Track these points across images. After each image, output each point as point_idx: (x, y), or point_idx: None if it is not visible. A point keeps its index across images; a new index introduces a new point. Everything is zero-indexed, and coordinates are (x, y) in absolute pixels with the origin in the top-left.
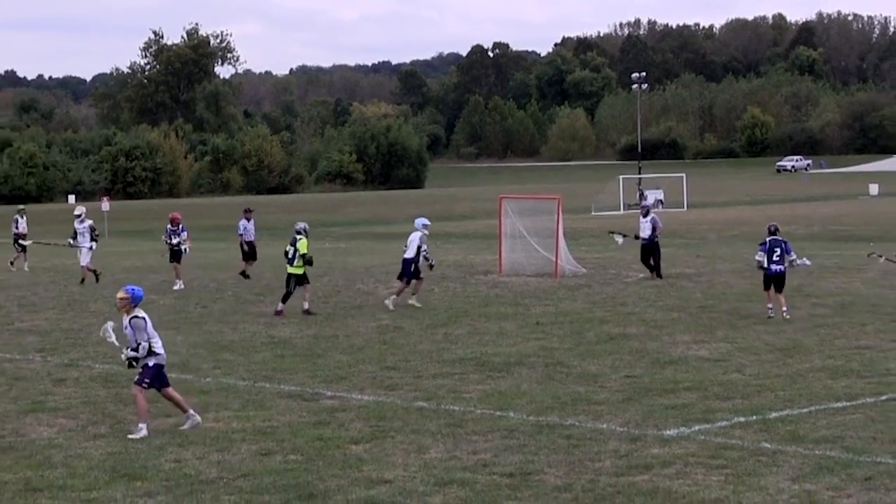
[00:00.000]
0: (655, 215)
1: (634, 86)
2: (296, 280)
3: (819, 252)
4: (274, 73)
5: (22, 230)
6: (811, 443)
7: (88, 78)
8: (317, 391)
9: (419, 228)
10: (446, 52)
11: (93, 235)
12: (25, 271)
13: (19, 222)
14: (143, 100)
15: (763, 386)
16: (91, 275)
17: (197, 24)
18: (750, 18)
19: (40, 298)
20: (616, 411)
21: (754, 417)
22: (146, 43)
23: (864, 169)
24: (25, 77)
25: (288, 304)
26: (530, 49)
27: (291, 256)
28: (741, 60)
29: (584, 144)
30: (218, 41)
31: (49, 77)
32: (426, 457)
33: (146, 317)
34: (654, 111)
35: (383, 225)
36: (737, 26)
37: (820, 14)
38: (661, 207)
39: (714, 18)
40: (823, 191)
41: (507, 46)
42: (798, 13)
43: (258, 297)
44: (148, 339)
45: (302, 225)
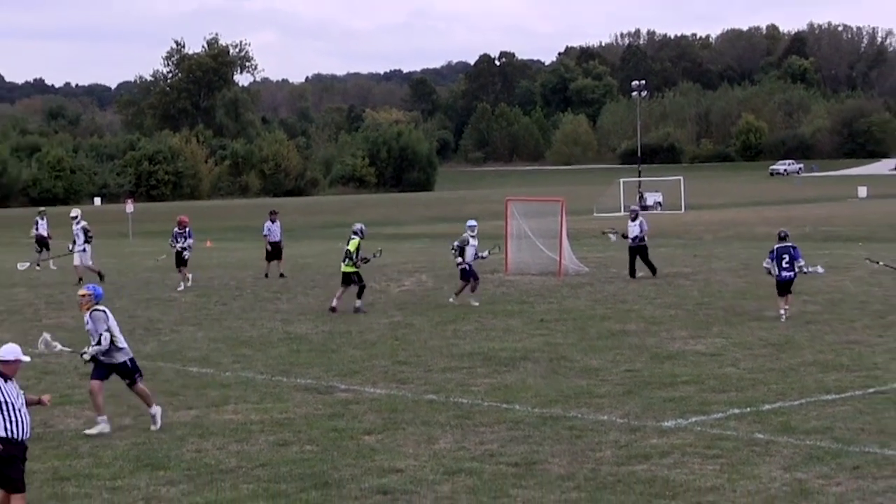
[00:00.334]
0: (643, 219)
1: (634, 93)
2: (349, 278)
3: (811, 252)
4: (290, 81)
5: (42, 231)
6: (802, 433)
7: (113, 86)
8: (331, 384)
9: (467, 230)
10: (455, 61)
11: (87, 237)
12: (52, 269)
13: (39, 224)
14: (166, 106)
15: (756, 379)
16: (95, 275)
17: (217, 34)
18: (744, 29)
19: (67, 297)
20: (617, 404)
21: (748, 409)
22: (168, 52)
23: (854, 172)
24: (53, 85)
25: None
26: (535, 58)
27: (345, 255)
28: (736, 69)
29: (587, 149)
30: (237, 50)
31: (76, 85)
32: (436, 447)
33: (106, 310)
34: (653, 117)
35: (394, 226)
36: (732, 36)
37: (811, 25)
38: (660, 209)
39: (710, 29)
40: (815, 193)
41: (513, 55)
42: (790, 24)
43: (275, 295)
44: (108, 331)
45: (359, 226)
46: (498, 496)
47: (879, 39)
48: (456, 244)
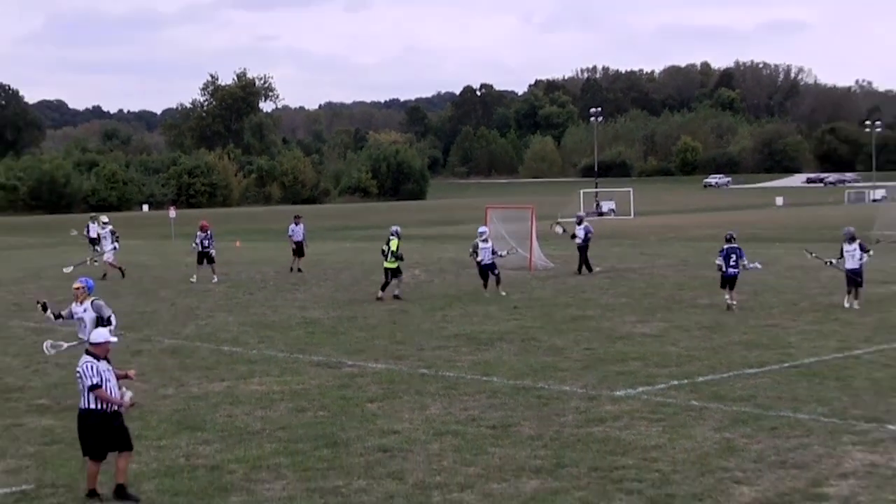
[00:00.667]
0: (588, 223)
1: (592, 118)
2: (391, 273)
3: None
4: (306, 108)
5: (93, 234)
6: (730, 401)
7: (159, 111)
8: (340, 361)
9: (479, 236)
10: (443, 91)
11: (114, 238)
12: (96, 265)
13: (91, 227)
14: (202, 129)
15: (692, 356)
16: (116, 271)
17: (245, 69)
18: (682, 65)
19: (120, 287)
20: (577, 376)
21: (685, 381)
22: (204, 84)
23: (772, 185)
24: (108, 111)
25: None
26: (510, 89)
27: (386, 253)
28: (676, 98)
29: (553, 165)
30: (262, 82)
31: (128, 111)
32: (427, 413)
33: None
34: (608, 138)
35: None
36: (672, 71)
37: (737, 62)
38: (614, 215)
39: (654, 65)
40: (740, 202)
41: (492, 87)
42: (720, 61)
43: (294, 286)
44: (110, 315)
45: (395, 228)
46: (479, 453)
47: (793, 75)
48: (471, 248)
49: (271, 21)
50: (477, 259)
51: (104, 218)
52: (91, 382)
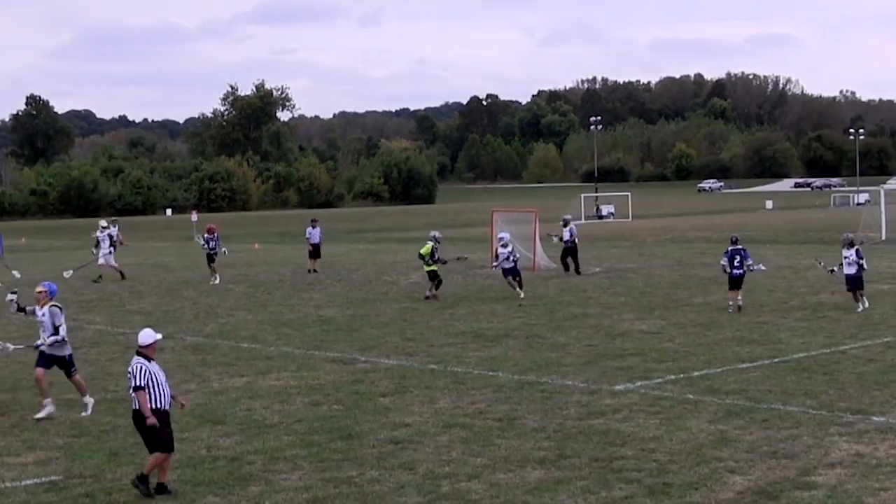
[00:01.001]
0: (573, 226)
1: (592, 127)
2: (431, 276)
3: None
4: (321, 117)
5: (114, 237)
6: (723, 394)
7: (181, 120)
8: (354, 357)
9: (504, 239)
10: (451, 101)
11: (112, 242)
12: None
13: (111, 230)
14: (223, 137)
15: (688, 352)
16: (115, 273)
17: (263, 80)
18: (677, 76)
19: (145, 287)
20: (579, 371)
21: (682, 375)
22: (225, 94)
23: (762, 189)
24: (134, 120)
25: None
26: (514, 99)
27: (422, 258)
28: (671, 108)
29: (555, 171)
30: (279, 93)
31: (152, 120)
32: (436, 406)
33: (61, 307)
34: (607, 146)
35: (403, 231)
36: (668, 82)
37: (729, 73)
38: (613, 218)
39: (651, 76)
40: (732, 205)
41: (497, 97)
42: (713, 73)
43: (309, 286)
44: (64, 324)
45: (433, 233)
46: (486, 445)
47: (781, 85)
48: (507, 251)
49: (288, 35)
50: (495, 264)
51: (103, 222)
52: (136, 384)
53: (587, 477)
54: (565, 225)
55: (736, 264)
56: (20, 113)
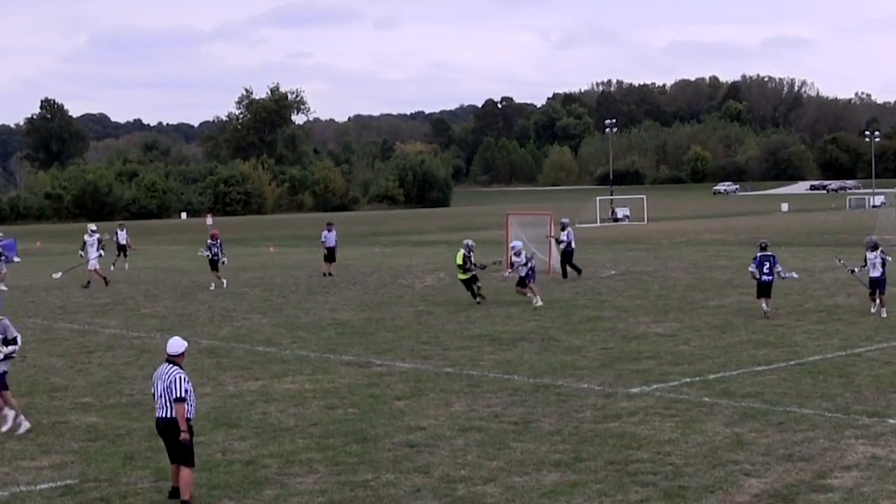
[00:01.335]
0: (571, 230)
1: (607, 129)
2: (466, 284)
3: (744, 254)
4: (336, 120)
5: (121, 240)
6: (739, 397)
7: (196, 124)
8: (369, 360)
9: (516, 248)
10: (466, 104)
11: (99, 246)
12: (126, 270)
13: (119, 234)
14: (238, 140)
15: (704, 355)
16: (100, 279)
17: (278, 84)
18: (692, 79)
19: (160, 290)
20: (594, 374)
21: (697, 378)
22: (240, 97)
23: (777, 192)
24: (149, 124)
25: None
26: (529, 101)
27: (468, 265)
28: (686, 110)
29: (570, 174)
30: (294, 96)
31: (167, 123)
32: (452, 409)
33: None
34: (622, 148)
35: (418, 234)
36: (683, 85)
37: (744, 76)
38: (628, 221)
39: (666, 79)
40: (747, 208)
41: (512, 99)
42: (728, 75)
43: (324, 289)
44: (16, 336)
45: (466, 241)
46: (501, 448)
47: (797, 88)
48: (522, 258)
49: (304, 38)
50: (510, 272)
51: (92, 226)
52: (178, 395)
53: (603, 480)
54: (563, 228)
55: (765, 270)
56: (35, 117)
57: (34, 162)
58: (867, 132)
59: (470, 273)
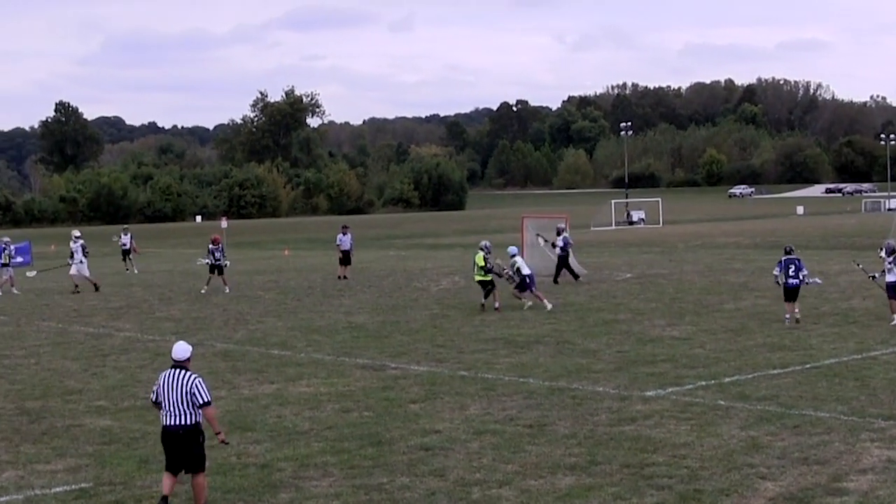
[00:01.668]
0: (566, 235)
1: (622, 132)
2: (483, 285)
3: (759, 257)
4: (351, 123)
5: (126, 245)
6: (754, 400)
7: (211, 127)
8: (384, 363)
9: (515, 254)
10: (481, 107)
11: (84, 252)
12: (135, 273)
13: (123, 238)
14: (252, 143)
15: (719, 358)
16: (89, 284)
17: (293, 87)
18: (708, 82)
19: (174, 293)
20: (610, 378)
21: (713, 381)
22: (255, 100)
23: (793, 195)
24: (164, 127)
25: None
26: (544, 105)
27: (476, 268)
28: (701, 113)
29: (585, 177)
30: (309, 99)
31: (181, 126)
32: (467, 413)
33: None
34: (637, 151)
35: (433, 237)
36: (698, 87)
37: (760, 79)
38: (644, 224)
39: (681, 81)
40: (763, 211)
41: (527, 102)
42: (743, 78)
43: (339, 293)
44: None
45: (484, 242)
46: (516, 451)
47: (812, 91)
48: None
49: (318, 41)
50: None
51: (76, 232)
52: (205, 399)
53: (618, 483)
54: (559, 233)
55: (791, 274)
56: (49, 120)
57: (49, 165)
58: (883, 135)
59: (491, 275)
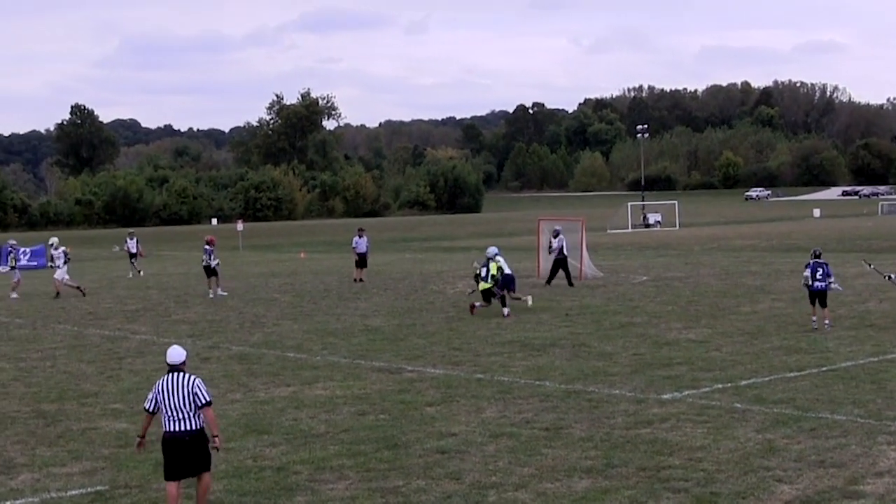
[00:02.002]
0: (563, 236)
1: (638, 135)
2: (484, 294)
3: (776, 259)
4: (367, 126)
5: (132, 250)
6: (771, 403)
7: (227, 130)
8: (400, 366)
9: (497, 253)
10: (497, 110)
11: (66, 259)
12: (140, 276)
13: (129, 242)
14: (268, 146)
15: (735, 361)
16: (71, 289)
17: (309, 89)
18: (724, 84)
19: (190, 296)
20: (626, 381)
21: (729, 384)
22: (270, 103)
23: (809, 197)
24: (179, 129)
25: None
26: (560, 107)
27: (484, 276)
28: (718, 116)
29: (601, 179)
30: (325, 102)
31: (197, 129)
32: (483, 416)
33: None
34: (654, 154)
35: (449, 240)
36: (714, 90)
37: (776, 81)
38: (660, 227)
39: (697, 84)
40: (779, 214)
41: (543, 105)
42: (760, 80)
43: (355, 295)
44: None
45: (493, 250)
46: (532, 454)
47: (829, 93)
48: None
49: (334, 44)
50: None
51: (55, 239)
52: (207, 399)
53: (634, 486)
54: (555, 236)
55: (818, 278)
56: (65, 122)
57: (64, 168)
58: None
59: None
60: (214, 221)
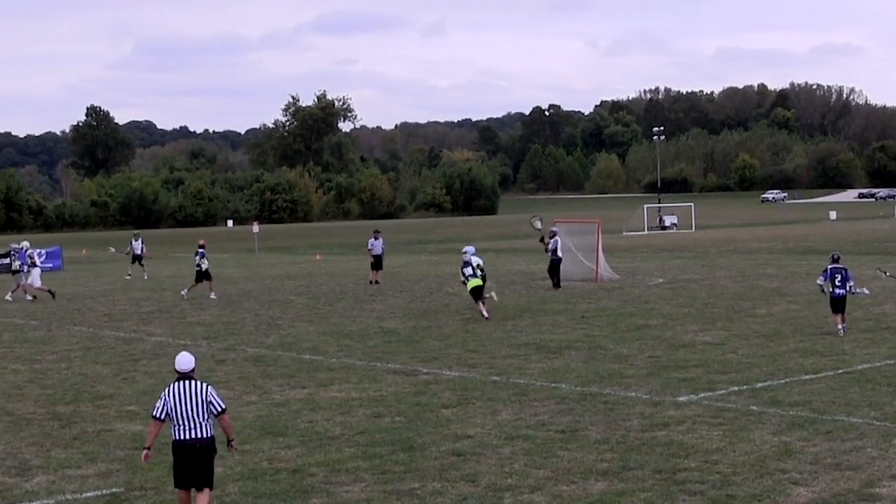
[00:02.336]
0: (559, 237)
1: (654, 137)
2: (478, 291)
3: (792, 262)
4: (383, 128)
5: (137, 251)
6: (787, 405)
7: (243, 131)
8: (416, 368)
9: (474, 254)
10: (513, 112)
11: (33, 262)
12: (145, 279)
13: (134, 244)
14: (284, 148)
15: (751, 363)
16: (44, 293)
17: (325, 91)
18: (740, 86)
19: (205, 298)
20: (642, 383)
21: (745, 387)
22: (286, 105)
23: (826, 200)
24: (195, 131)
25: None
26: (576, 109)
27: (470, 274)
28: (734, 118)
29: (617, 181)
30: (341, 103)
31: (213, 131)
32: (499, 418)
33: None
34: (670, 156)
35: (465, 242)
36: (731, 92)
37: (792, 84)
38: (676, 229)
39: (714, 86)
40: (795, 216)
41: (559, 107)
42: (776, 83)
43: (371, 297)
44: None
45: (471, 249)
46: (548, 456)
47: (845, 95)
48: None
49: (350, 46)
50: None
51: (25, 243)
52: (223, 406)
53: (650, 489)
54: (552, 237)
55: (837, 283)
56: (81, 124)
57: (80, 169)
58: None
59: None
60: (230, 223)
